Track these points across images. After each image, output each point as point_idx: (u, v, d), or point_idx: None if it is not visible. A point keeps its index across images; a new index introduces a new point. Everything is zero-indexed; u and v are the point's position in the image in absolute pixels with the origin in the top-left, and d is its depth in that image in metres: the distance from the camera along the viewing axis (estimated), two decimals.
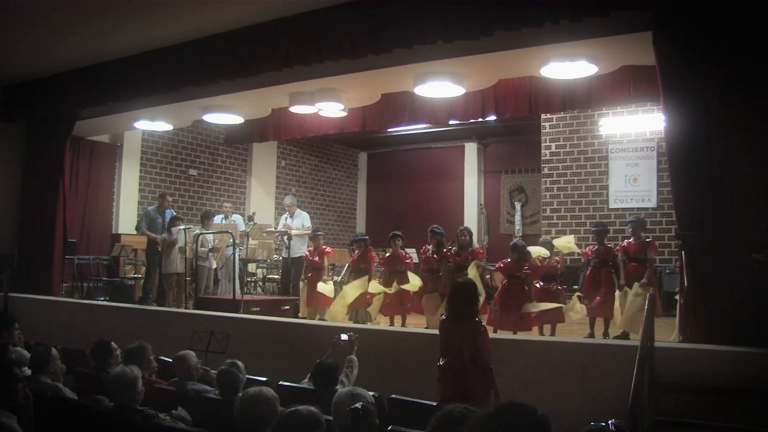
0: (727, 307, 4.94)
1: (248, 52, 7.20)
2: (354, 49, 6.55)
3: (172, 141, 12.72)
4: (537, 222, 13.44)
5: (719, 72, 5.13)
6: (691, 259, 5.22)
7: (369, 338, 5.92)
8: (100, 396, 3.84)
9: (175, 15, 7.06)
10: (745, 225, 4.96)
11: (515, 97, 8.17)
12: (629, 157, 11.50)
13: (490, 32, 5.85)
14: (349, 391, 3.26)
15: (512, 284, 7.20)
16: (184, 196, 12.90)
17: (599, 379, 4.87)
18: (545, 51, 6.60)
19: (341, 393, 3.24)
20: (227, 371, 4.08)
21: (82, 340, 6.19)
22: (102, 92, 8.60)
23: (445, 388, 4.37)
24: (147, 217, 9.91)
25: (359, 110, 9.31)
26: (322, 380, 4.35)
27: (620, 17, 5.49)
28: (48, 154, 10.05)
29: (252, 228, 10.11)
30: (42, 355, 4.40)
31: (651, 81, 6.40)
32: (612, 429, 2.66)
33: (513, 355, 4.93)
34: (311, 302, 8.56)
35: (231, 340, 5.82)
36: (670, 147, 5.45)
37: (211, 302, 8.69)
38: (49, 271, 9.82)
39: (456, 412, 2.31)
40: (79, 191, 11.00)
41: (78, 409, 3.67)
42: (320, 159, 16.13)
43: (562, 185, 11.91)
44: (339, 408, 3.10)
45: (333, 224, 16.19)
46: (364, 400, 3.06)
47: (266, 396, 3.07)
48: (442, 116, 8.93)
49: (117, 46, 8.03)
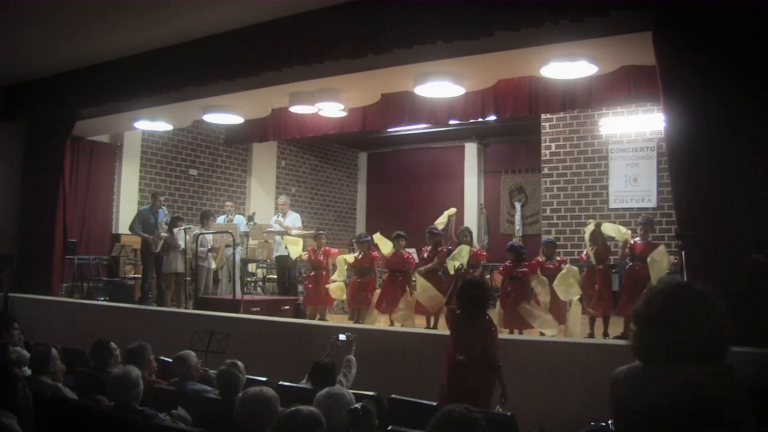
0: (727, 307, 4.92)
1: (248, 52, 7.20)
2: (354, 49, 6.54)
3: (172, 141, 12.72)
4: (537, 222, 13.44)
5: (719, 72, 5.13)
6: (691, 259, 5.22)
7: (369, 338, 5.92)
8: (100, 396, 3.84)
9: (175, 15, 7.05)
10: (745, 225, 4.96)
11: (515, 97, 8.17)
12: (629, 157, 11.50)
13: (491, 32, 5.84)
14: (327, 392, 3.21)
15: (512, 285, 7.23)
16: (184, 196, 12.90)
17: (599, 379, 4.84)
18: (545, 51, 6.60)
19: (320, 395, 3.20)
20: (227, 371, 4.08)
21: (82, 340, 6.18)
22: (102, 92, 8.59)
23: (453, 383, 4.38)
24: (140, 217, 9.90)
25: (359, 110, 9.31)
26: (319, 380, 4.35)
27: (620, 17, 5.48)
28: (48, 154, 10.04)
29: (252, 228, 10.12)
30: (42, 355, 4.40)
31: (651, 81, 6.40)
32: (612, 429, 2.66)
33: (513, 354, 4.93)
34: (311, 301, 8.56)
35: (231, 340, 5.82)
36: (670, 147, 5.45)
37: (211, 302, 8.69)
38: (49, 271, 9.82)
39: (456, 412, 2.31)
40: (79, 191, 11.00)
41: (78, 409, 3.67)
42: (320, 159, 16.13)
43: (562, 185, 11.91)
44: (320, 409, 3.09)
45: (333, 224, 16.19)
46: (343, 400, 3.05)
47: (266, 396, 3.07)
48: (442, 116, 8.93)
49: (117, 46, 8.03)
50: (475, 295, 4.49)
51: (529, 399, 4.67)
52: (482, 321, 4.48)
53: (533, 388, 4.90)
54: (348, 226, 16.63)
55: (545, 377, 5.09)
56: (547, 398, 4.91)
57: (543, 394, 4.89)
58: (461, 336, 4.47)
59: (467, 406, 2.37)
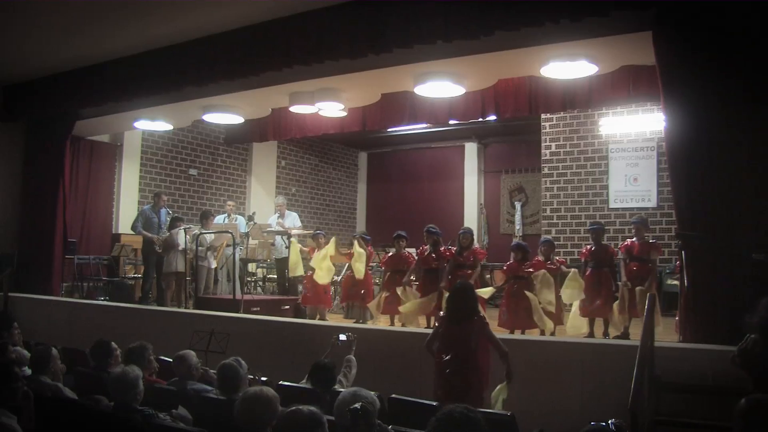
0: (727, 307, 4.94)
1: (248, 51, 7.21)
2: (354, 48, 6.55)
3: (172, 141, 12.72)
4: (537, 222, 13.44)
5: (719, 71, 5.13)
6: (692, 259, 5.22)
7: (369, 338, 5.92)
8: (100, 396, 3.85)
9: (175, 14, 7.06)
10: (745, 224, 4.97)
11: (515, 97, 8.17)
12: (629, 157, 11.49)
13: (491, 32, 5.85)
14: (353, 391, 3.26)
15: (517, 284, 7.23)
16: (184, 196, 12.90)
17: (599, 379, 4.87)
18: (545, 51, 6.60)
19: (345, 394, 3.24)
20: (229, 365, 4.07)
21: (82, 340, 6.19)
22: (102, 92, 8.60)
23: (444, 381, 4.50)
24: (143, 217, 9.89)
25: (359, 110, 9.31)
26: (319, 380, 4.35)
27: (620, 17, 5.49)
28: (48, 154, 10.05)
29: (252, 228, 10.11)
30: (42, 355, 4.41)
31: (651, 81, 6.40)
32: (612, 428, 2.66)
33: (513, 354, 4.92)
34: (311, 300, 8.56)
35: (231, 340, 5.82)
36: (670, 146, 5.45)
37: (211, 302, 8.69)
38: (49, 271, 9.82)
39: (456, 412, 2.31)
40: (79, 191, 11.00)
41: (78, 408, 3.68)
42: (320, 159, 16.13)
43: (562, 185, 11.90)
44: (341, 408, 3.11)
45: (333, 224, 16.19)
46: (365, 401, 3.06)
47: (267, 396, 3.07)
48: (442, 116, 8.93)
49: (117, 46, 8.04)
50: (464, 300, 4.66)
51: (529, 398, 4.68)
52: (473, 323, 4.62)
53: (533, 388, 4.91)
54: (348, 226, 16.62)
55: (545, 377, 5.09)
56: (546, 398, 4.91)
57: (543, 394, 4.89)
58: (453, 342, 4.60)
59: (467, 406, 2.38)
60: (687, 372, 4.62)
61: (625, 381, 4.08)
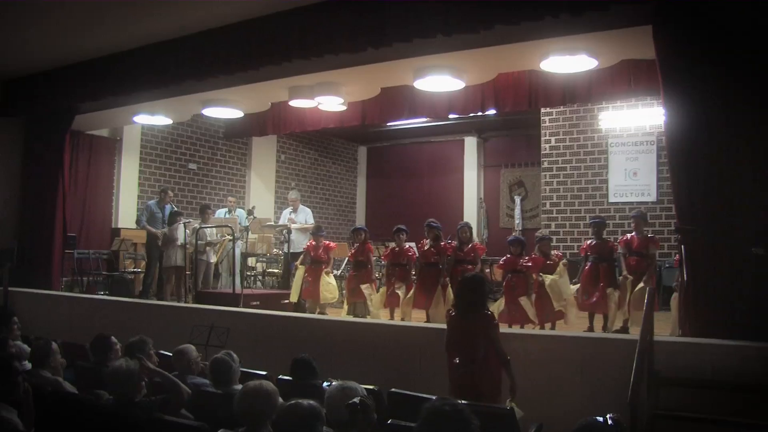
0: (727, 301, 4.95)
1: (248, 46, 7.19)
2: (353, 43, 6.53)
3: (171, 135, 12.71)
4: (536, 216, 13.45)
5: (719, 66, 5.12)
6: (691, 253, 5.23)
7: (369, 332, 5.93)
8: (100, 390, 3.85)
9: (174, 9, 7.03)
10: (744, 219, 4.96)
11: (515, 91, 8.15)
12: (629, 151, 11.50)
13: (490, 26, 5.83)
14: (340, 386, 3.23)
15: (515, 279, 7.23)
16: (183, 191, 12.90)
17: (598, 373, 4.88)
18: (545, 45, 6.59)
19: (332, 389, 3.23)
20: (221, 360, 4.09)
21: (82, 335, 6.19)
22: (101, 86, 8.58)
23: (457, 385, 4.34)
24: (147, 211, 9.92)
25: (359, 104, 9.30)
26: (302, 375, 4.36)
27: (620, 11, 5.48)
28: (47, 149, 10.03)
29: (251, 222, 10.10)
30: (42, 350, 4.41)
31: (651, 75, 6.39)
32: (609, 423, 2.67)
33: (512, 349, 4.92)
34: (311, 294, 8.55)
35: (230, 334, 5.83)
36: (669, 141, 5.44)
37: (211, 296, 8.70)
38: (48, 266, 9.82)
39: (445, 405, 2.33)
40: (79, 185, 11.00)
41: (78, 403, 3.68)
42: (320, 153, 16.12)
43: (562, 179, 11.91)
44: (331, 403, 3.10)
45: (333, 218, 16.20)
46: (355, 393, 3.06)
47: (266, 389, 3.07)
48: (442, 110, 8.92)
49: (117, 40, 8.01)
50: (475, 291, 4.48)
51: (528, 393, 4.68)
52: (483, 317, 4.45)
53: (532, 382, 4.90)
54: (348, 220, 16.62)
55: (544, 371, 5.09)
56: (546, 392, 4.91)
57: (542, 388, 4.89)
58: (460, 338, 4.44)
59: (457, 401, 2.38)
60: (686, 366, 4.63)
61: (625, 375, 4.09)
